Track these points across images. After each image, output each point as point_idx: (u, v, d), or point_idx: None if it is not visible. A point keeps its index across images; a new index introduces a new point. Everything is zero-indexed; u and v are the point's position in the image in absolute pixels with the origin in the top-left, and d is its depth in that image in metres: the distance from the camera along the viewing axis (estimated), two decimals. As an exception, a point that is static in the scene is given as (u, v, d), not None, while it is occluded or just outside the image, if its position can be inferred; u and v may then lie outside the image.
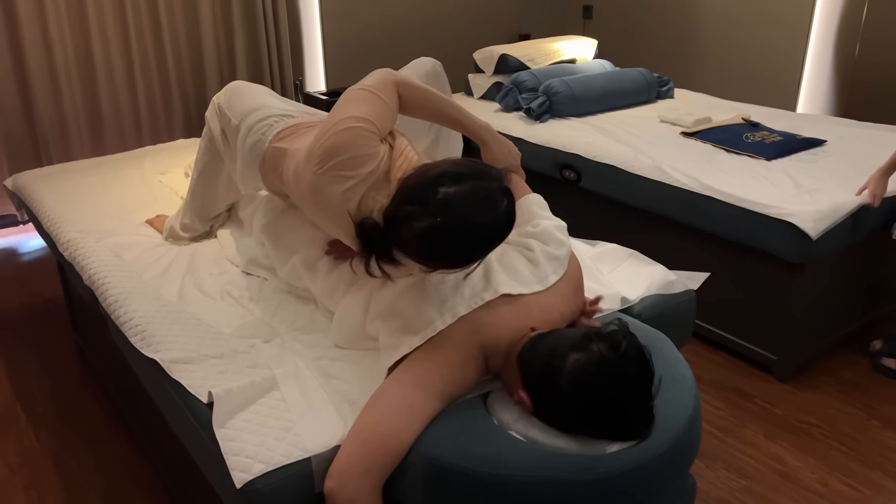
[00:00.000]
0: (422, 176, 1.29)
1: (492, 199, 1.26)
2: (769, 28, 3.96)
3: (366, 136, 1.39)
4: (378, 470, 1.22)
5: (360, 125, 1.39)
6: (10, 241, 3.51)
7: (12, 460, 2.10)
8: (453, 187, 1.24)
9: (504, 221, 1.28)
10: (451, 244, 1.25)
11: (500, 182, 1.29)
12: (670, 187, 2.54)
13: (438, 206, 1.23)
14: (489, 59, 3.71)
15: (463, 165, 1.29)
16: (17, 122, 3.37)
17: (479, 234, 1.26)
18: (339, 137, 1.38)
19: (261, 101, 1.80)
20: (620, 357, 1.19)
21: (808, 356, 2.47)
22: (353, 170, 1.38)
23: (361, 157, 1.38)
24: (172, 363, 1.46)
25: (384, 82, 1.49)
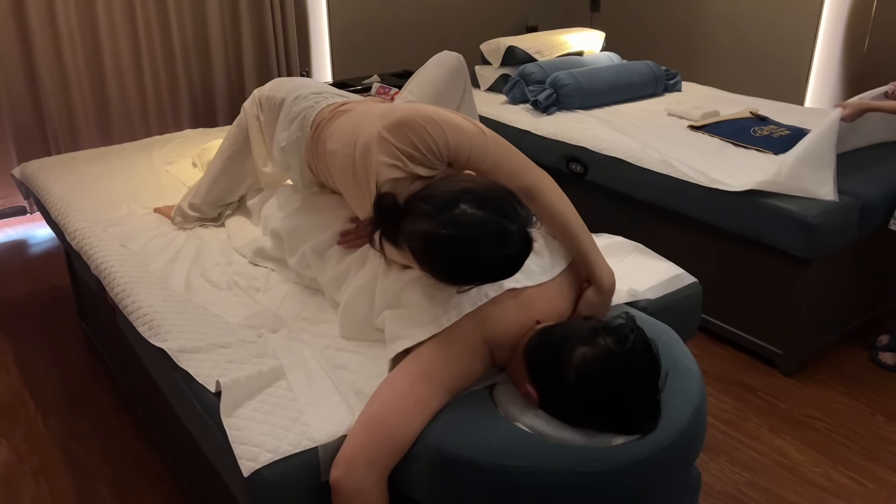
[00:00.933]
0: (453, 182, 1.28)
1: (505, 237, 1.23)
2: (778, 22, 3.94)
3: (432, 146, 1.37)
4: (384, 460, 1.23)
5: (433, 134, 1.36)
6: (18, 231, 3.53)
7: (21, 447, 2.11)
8: (473, 209, 1.22)
9: (509, 263, 1.26)
10: (445, 260, 1.25)
11: (523, 226, 1.26)
12: (677, 181, 2.53)
13: (449, 220, 1.22)
14: (496, 51, 3.70)
15: (497, 193, 1.26)
16: (26, 111, 3.38)
17: (477, 264, 1.24)
18: (412, 125, 1.36)
19: (314, 83, 1.81)
20: (627, 351, 1.19)
21: (813, 350, 2.47)
22: (405, 159, 1.38)
23: (415, 158, 1.37)
24: (180, 352, 1.47)
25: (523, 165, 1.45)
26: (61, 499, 1.93)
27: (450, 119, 1.40)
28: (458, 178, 1.30)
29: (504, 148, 1.44)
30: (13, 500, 1.93)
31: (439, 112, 1.41)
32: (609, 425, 1.21)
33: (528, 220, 1.27)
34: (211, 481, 1.66)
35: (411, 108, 1.40)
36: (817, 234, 2.17)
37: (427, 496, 1.26)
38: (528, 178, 1.44)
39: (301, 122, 1.73)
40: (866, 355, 2.52)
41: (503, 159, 1.42)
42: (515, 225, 1.24)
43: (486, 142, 1.41)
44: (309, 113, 1.72)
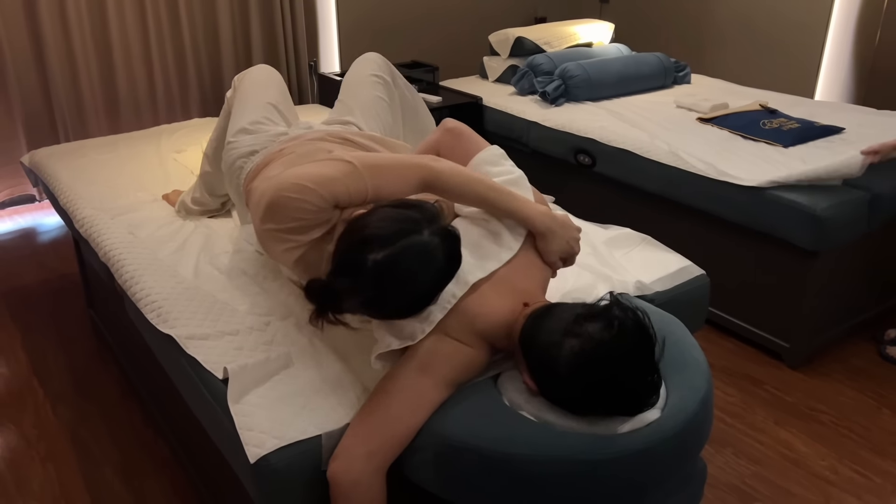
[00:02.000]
0: (351, 239, 1.24)
1: (426, 255, 1.22)
2: (788, 14, 3.91)
3: (312, 209, 1.31)
4: (383, 453, 1.23)
5: (307, 199, 1.30)
6: (27, 219, 3.54)
7: (29, 433, 2.13)
8: (381, 252, 1.20)
9: (446, 270, 1.25)
10: (398, 307, 1.25)
11: (435, 224, 1.24)
12: (686, 173, 2.52)
13: (370, 278, 1.21)
14: (505, 42, 3.69)
15: (391, 218, 1.23)
16: (35, 99, 3.39)
17: (421, 292, 1.24)
18: (283, 202, 1.31)
19: (253, 118, 1.80)
20: (616, 336, 1.17)
21: (820, 344, 2.47)
22: (294, 235, 1.34)
23: (303, 227, 1.34)
24: (188, 339, 1.48)
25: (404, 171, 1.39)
26: (69, 484, 1.95)
27: (314, 173, 1.33)
28: (352, 230, 1.26)
29: (377, 168, 1.37)
30: (22, 485, 1.94)
31: (301, 173, 1.34)
32: (610, 409, 1.21)
33: (434, 215, 1.26)
34: (218, 467, 1.67)
35: (275, 185, 1.34)
36: (826, 228, 2.16)
37: (433, 484, 1.26)
38: (414, 176, 1.39)
39: (236, 185, 1.75)
40: (873, 349, 2.51)
41: (382, 181, 1.36)
42: (426, 231, 1.23)
43: (358, 174, 1.34)
44: (240, 174, 1.72)
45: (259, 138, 1.75)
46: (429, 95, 3.43)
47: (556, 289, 1.63)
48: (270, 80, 1.94)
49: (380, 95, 1.95)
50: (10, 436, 2.12)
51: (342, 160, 1.36)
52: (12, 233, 3.40)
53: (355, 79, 1.98)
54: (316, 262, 1.38)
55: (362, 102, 1.92)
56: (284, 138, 1.71)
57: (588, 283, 1.65)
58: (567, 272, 1.71)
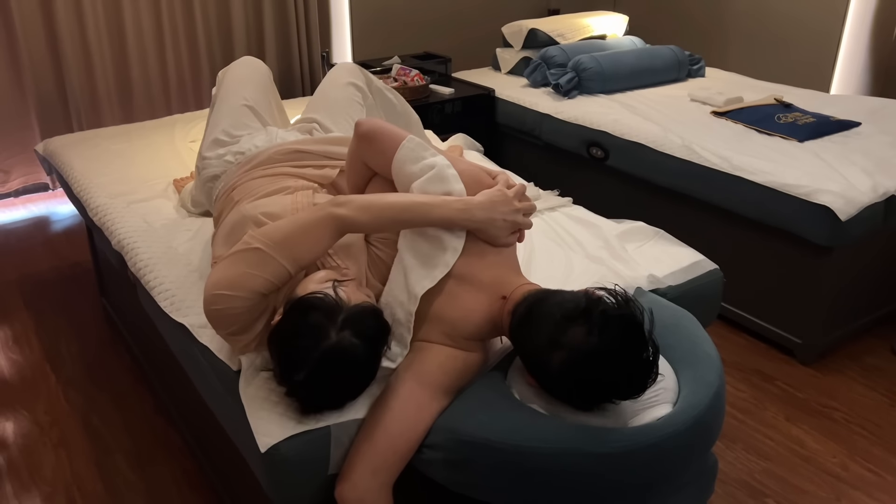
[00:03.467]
0: (275, 361, 1.24)
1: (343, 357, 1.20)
2: (804, 8, 3.87)
3: (241, 311, 1.29)
4: (387, 469, 1.24)
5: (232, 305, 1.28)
6: (40, 207, 3.56)
7: (42, 419, 2.15)
8: (302, 373, 1.19)
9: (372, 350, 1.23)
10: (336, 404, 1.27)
11: (338, 318, 1.21)
12: (699, 167, 2.51)
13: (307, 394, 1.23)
14: (518, 34, 3.67)
15: (297, 334, 1.21)
16: (49, 88, 3.40)
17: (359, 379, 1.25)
18: (213, 314, 1.30)
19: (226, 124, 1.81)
20: (600, 340, 1.15)
21: (833, 341, 2.45)
22: (240, 335, 1.33)
23: (243, 328, 1.32)
24: (201, 328, 1.48)
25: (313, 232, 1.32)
26: (81, 470, 1.96)
27: (229, 278, 1.28)
28: (271, 348, 1.26)
29: (287, 242, 1.30)
30: (34, 470, 1.96)
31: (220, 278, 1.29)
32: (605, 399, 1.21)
33: (332, 308, 1.21)
34: (228, 456, 1.68)
35: (204, 298, 1.30)
36: (841, 224, 2.14)
37: (443, 478, 1.26)
38: (325, 233, 1.32)
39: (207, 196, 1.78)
40: (887, 346, 2.49)
41: (296, 251, 1.30)
42: (333, 332, 1.20)
43: (270, 259, 1.28)
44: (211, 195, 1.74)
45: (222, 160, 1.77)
46: (441, 87, 3.42)
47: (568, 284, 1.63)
48: (251, 76, 1.93)
49: (351, 96, 1.96)
50: (23, 422, 2.14)
51: (250, 248, 1.29)
52: (26, 221, 3.42)
53: (327, 82, 2.01)
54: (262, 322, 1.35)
55: (331, 101, 1.94)
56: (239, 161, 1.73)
57: (601, 277, 1.65)
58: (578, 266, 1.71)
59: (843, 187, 2.21)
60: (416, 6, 4.25)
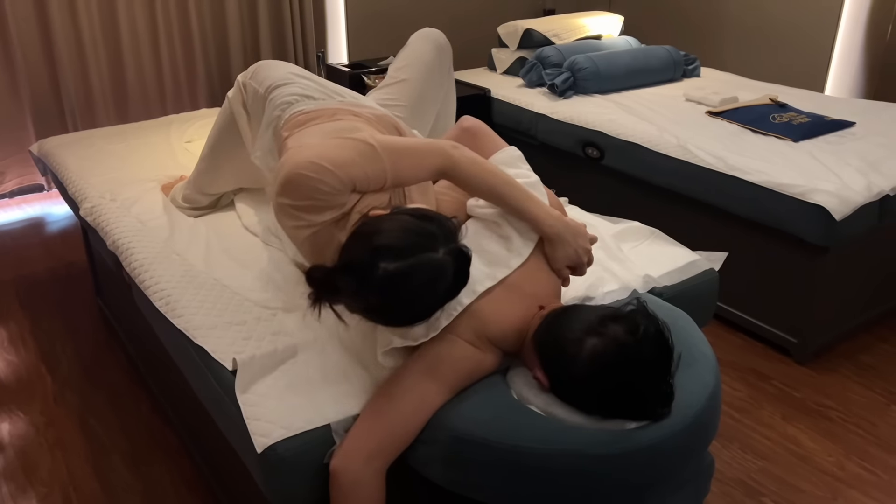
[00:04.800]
0: (364, 241, 1.21)
1: (439, 271, 1.20)
2: (799, 8, 3.88)
3: (327, 191, 1.29)
4: (384, 454, 1.24)
5: (324, 179, 1.28)
6: (36, 208, 3.55)
7: (38, 420, 2.14)
8: (393, 264, 1.17)
9: (456, 285, 1.24)
10: (399, 318, 1.24)
11: (450, 242, 1.22)
12: (695, 167, 2.51)
13: (377, 287, 1.18)
14: (513, 34, 3.68)
15: (409, 231, 1.20)
16: (44, 89, 3.39)
17: (424, 307, 1.23)
18: (299, 180, 1.29)
19: (287, 77, 1.75)
20: (638, 341, 1.18)
21: (828, 340, 2.46)
22: (307, 214, 1.32)
23: (317, 208, 1.31)
24: (196, 329, 1.48)
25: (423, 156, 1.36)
26: (77, 471, 1.96)
27: (333, 154, 1.31)
28: (368, 232, 1.22)
29: (397, 152, 1.35)
30: (30, 472, 1.95)
31: (321, 152, 1.32)
32: (621, 413, 1.21)
33: (451, 233, 1.23)
34: (225, 456, 1.67)
35: (293, 161, 1.31)
36: (836, 223, 2.15)
37: (440, 476, 1.26)
38: (433, 163, 1.37)
39: (273, 132, 1.69)
40: (882, 345, 2.50)
41: (401, 165, 1.34)
42: (441, 249, 1.20)
43: (378, 157, 1.32)
44: (277, 123, 1.67)
45: (313, 88, 1.69)
46: (437, 87, 3.41)
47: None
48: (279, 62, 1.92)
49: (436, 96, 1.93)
50: (18, 423, 2.13)
51: (364, 141, 1.34)
52: (21, 222, 3.41)
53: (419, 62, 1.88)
54: (324, 245, 1.36)
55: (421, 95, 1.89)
56: (341, 99, 1.67)
57: (596, 277, 1.65)
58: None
59: (837, 187, 2.22)
60: (412, 6, 4.25)
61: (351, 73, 3.46)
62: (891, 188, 2.27)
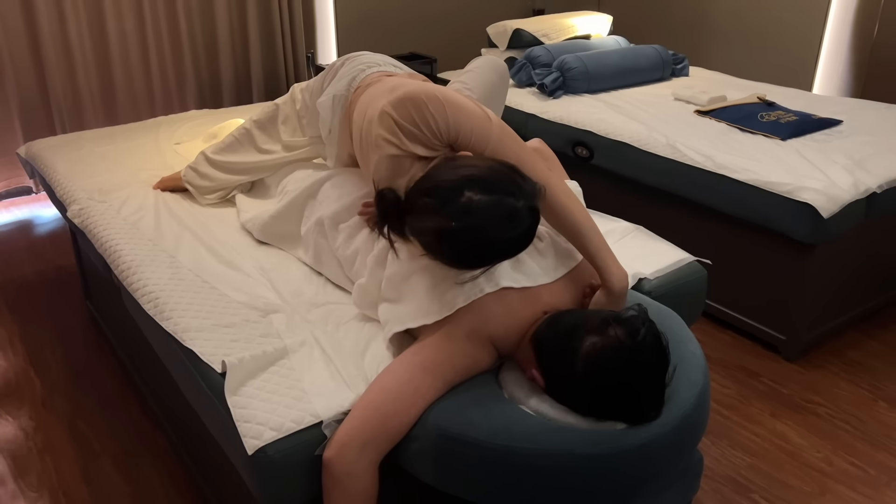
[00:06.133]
0: (453, 169, 1.26)
1: (515, 217, 1.23)
2: (787, 7, 3.90)
3: (433, 128, 1.35)
4: (376, 446, 1.24)
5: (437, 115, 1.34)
6: (24, 211, 3.53)
7: (27, 424, 2.13)
8: (479, 195, 1.21)
9: (522, 240, 1.26)
10: (459, 251, 1.25)
11: (532, 200, 1.25)
12: (683, 165, 2.53)
13: (457, 211, 1.21)
14: (503, 34, 3.68)
15: (499, 173, 1.25)
16: (31, 91, 3.38)
17: (492, 248, 1.24)
18: (417, 103, 1.35)
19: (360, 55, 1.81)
20: (637, 343, 1.19)
21: (816, 336, 2.47)
22: (404, 136, 1.37)
23: (414, 136, 1.36)
24: (185, 331, 1.48)
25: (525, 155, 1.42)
26: (67, 476, 1.95)
27: (456, 100, 1.38)
28: (458, 164, 1.28)
29: (509, 138, 1.42)
30: (20, 476, 1.94)
31: (446, 92, 1.39)
32: (613, 414, 1.22)
33: (534, 192, 1.26)
34: (216, 459, 1.67)
35: (419, 86, 1.39)
36: (823, 221, 2.16)
37: (430, 476, 1.27)
38: (531, 171, 1.39)
39: (349, 83, 1.71)
40: (870, 342, 2.52)
41: (506, 148, 1.40)
42: (522, 201, 1.24)
43: (490, 127, 1.39)
44: (359, 75, 1.70)
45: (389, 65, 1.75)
46: (426, 87, 3.42)
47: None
48: None
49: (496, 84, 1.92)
50: (7, 427, 2.12)
51: (484, 110, 1.39)
52: (9, 225, 3.39)
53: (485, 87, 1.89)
54: (399, 171, 1.38)
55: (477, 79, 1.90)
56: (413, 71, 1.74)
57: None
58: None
59: (824, 185, 2.23)
60: (402, 7, 4.25)
61: (340, 73, 3.46)
62: (877, 186, 2.29)
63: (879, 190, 2.29)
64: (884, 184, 2.31)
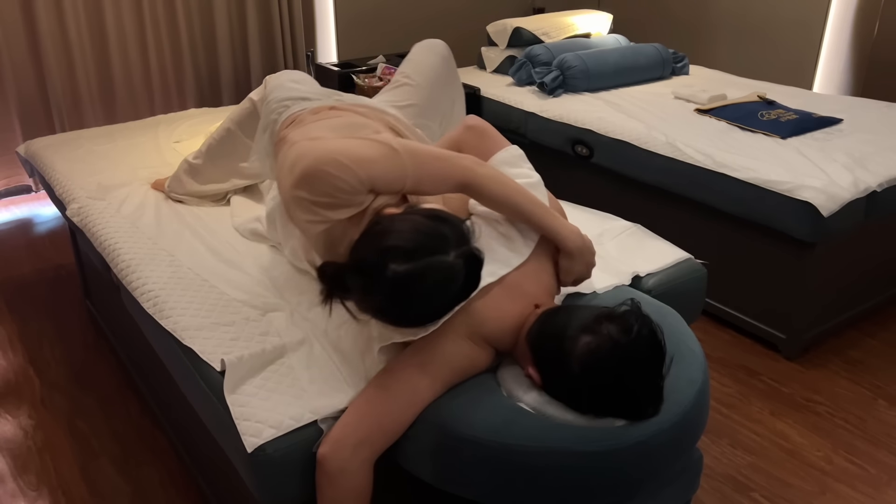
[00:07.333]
0: (375, 241, 1.20)
1: (449, 275, 1.19)
2: (787, 6, 3.90)
3: (346, 189, 1.28)
4: (372, 445, 1.24)
5: (343, 177, 1.27)
6: (23, 209, 3.53)
7: (26, 423, 2.13)
8: (403, 265, 1.16)
9: (467, 287, 1.23)
10: (407, 321, 1.24)
11: (462, 245, 1.21)
12: (683, 164, 2.52)
13: (385, 287, 1.17)
14: (503, 33, 3.68)
15: (421, 232, 1.19)
16: (30, 89, 3.38)
17: (439, 308, 1.23)
18: (319, 175, 1.27)
19: (282, 83, 1.75)
20: (632, 340, 1.18)
21: (816, 335, 2.47)
22: (323, 210, 1.31)
23: (334, 204, 1.30)
24: (184, 330, 1.47)
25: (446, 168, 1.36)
26: (66, 475, 1.95)
27: (356, 152, 1.30)
28: (379, 232, 1.22)
29: (422, 158, 1.34)
30: (19, 475, 1.94)
31: (343, 149, 1.31)
32: (612, 411, 1.21)
33: (464, 235, 1.22)
34: (215, 458, 1.67)
35: (314, 155, 1.30)
36: (823, 219, 2.16)
37: (429, 475, 1.26)
38: (456, 177, 1.37)
39: (270, 135, 1.69)
40: (870, 340, 2.51)
41: (423, 173, 1.34)
42: (452, 252, 1.19)
43: (401, 162, 1.31)
44: (274, 127, 1.67)
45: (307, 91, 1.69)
46: (426, 86, 3.41)
47: (553, 280, 1.63)
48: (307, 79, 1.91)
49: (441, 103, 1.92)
50: (6, 426, 2.12)
51: (387, 144, 1.33)
52: (8, 223, 3.39)
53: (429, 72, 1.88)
54: (336, 241, 1.35)
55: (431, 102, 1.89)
56: (338, 98, 1.67)
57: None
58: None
59: (824, 183, 2.23)
60: (401, 5, 4.24)
61: (340, 72, 3.46)
62: (877, 184, 2.28)
63: (880, 188, 2.29)
64: (884, 182, 2.31)
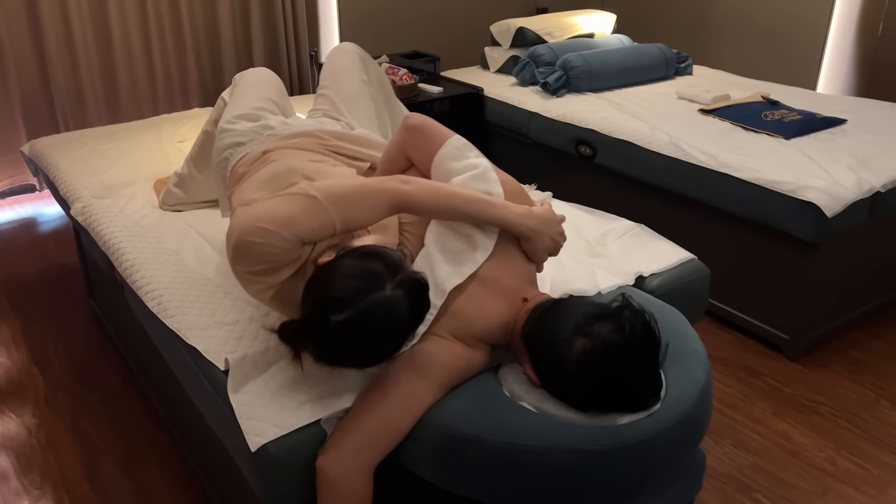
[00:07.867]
0: (313, 297, 1.21)
1: (389, 311, 1.18)
2: (791, 5, 3.89)
3: (277, 252, 1.27)
4: (372, 450, 1.24)
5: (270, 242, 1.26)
6: (27, 209, 3.54)
7: (30, 422, 2.14)
8: (343, 313, 1.16)
9: (410, 321, 1.22)
10: (361, 362, 1.24)
11: (398, 275, 1.20)
12: (687, 164, 2.52)
13: (335, 338, 1.18)
14: (506, 33, 3.68)
15: (352, 275, 1.19)
16: (35, 89, 3.38)
17: (388, 343, 1.22)
18: (247, 247, 1.27)
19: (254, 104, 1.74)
20: (626, 339, 1.19)
21: (819, 336, 2.47)
22: (264, 277, 1.31)
23: (271, 269, 1.30)
24: (188, 329, 1.48)
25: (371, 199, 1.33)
26: (70, 474, 1.95)
27: (277, 214, 1.28)
28: (315, 284, 1.22)
29: (343, 197, 1.31)
30: (23, 474, 1.95)
31: (265, 213, 1.29)
32: (612, 407, 1.22)
33: (396, 265, 1.21)
34: (218, 457, 1.67)
35: (238, 228, 1.29)
36: (827, 220, 2.16)
37: (432, 474, 1.27)
38: (385, 203, 1.34)
39: (222, 176, 1.69)
40: (873, 341, 2.51)
41: (349, 211, 1.31)
42: (389, 285, 1.19)
43: (322, 209, 1.29)
44: (224, 172, 1.67)
45: (249, 130, 1.68)
46: (429, 86, 3.42)
47: (555, 280, 1.63)
48: (270, 80, 1.90)
49: (362, 90, 1.91)
50: (10, 425, 2.13)
51: (305, 194, 1.30)
52: (12, 222, 3.40)
53: (336, 71, 1.92)
54: (292, 297, 1.34)
55: (349, 97, 1.88)
56: (269, 134, 1.65)
57: (587, 274, 1.65)
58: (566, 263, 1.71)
59: (828, 184, 2.23)
60: (405, 5, 4.25)
61: (343, 72, 3.45)
62: (881, 185, 2.28)
63: (883, 189, 2.29)
64: (888, 183, 2.30)
